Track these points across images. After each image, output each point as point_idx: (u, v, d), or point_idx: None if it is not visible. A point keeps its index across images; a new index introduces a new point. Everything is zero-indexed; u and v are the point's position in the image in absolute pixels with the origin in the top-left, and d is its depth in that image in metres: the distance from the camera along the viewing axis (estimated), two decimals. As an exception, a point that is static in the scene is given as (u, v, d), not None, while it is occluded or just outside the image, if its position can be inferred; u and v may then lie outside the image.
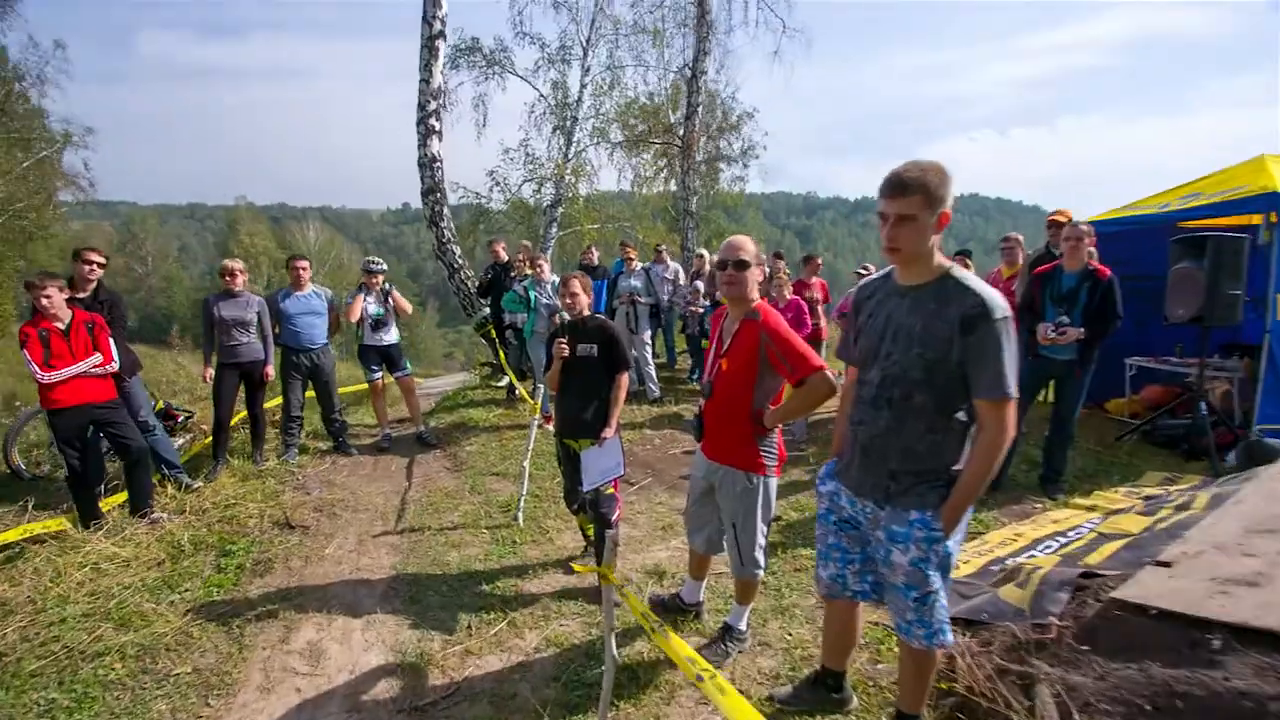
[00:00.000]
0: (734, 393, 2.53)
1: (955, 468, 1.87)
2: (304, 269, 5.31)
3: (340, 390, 6.45)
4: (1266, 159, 5.63)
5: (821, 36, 14.65)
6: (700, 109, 13.61)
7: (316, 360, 5.35)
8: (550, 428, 6.14)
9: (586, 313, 3.43)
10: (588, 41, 16.53)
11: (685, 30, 15.43)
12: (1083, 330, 4.00)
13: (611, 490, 3.36)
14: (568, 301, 3.36)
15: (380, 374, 5.77)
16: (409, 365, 5.95)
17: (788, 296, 6.35)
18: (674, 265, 8.36)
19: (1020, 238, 5.94)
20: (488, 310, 7.70)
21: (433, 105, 8.09)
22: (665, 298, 7.71)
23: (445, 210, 8.25)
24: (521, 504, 4.35)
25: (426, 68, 8.05)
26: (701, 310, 7.73)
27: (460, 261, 8.30)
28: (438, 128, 8.17)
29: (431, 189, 8.13)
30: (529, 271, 6.41)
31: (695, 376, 8.07)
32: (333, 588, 3.54)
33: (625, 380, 3.43)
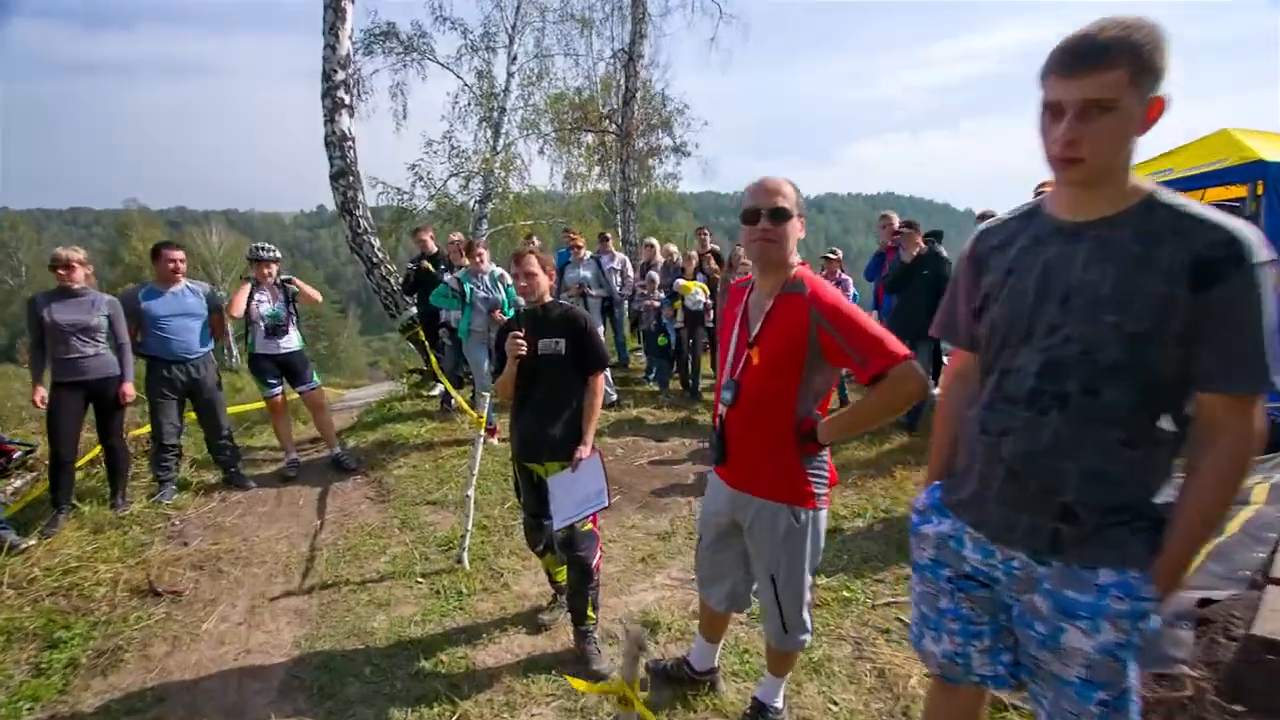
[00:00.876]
0: (770, 395, 1.84)
1: (1160, 500, 1.23)
2: (176, 260, 4.20)
3: (232, 409, 5.33)
4: (1231, 132, 5.51)
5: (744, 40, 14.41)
6: (638, 94, 12.93)
7: (195, 373, 4.26)
8: (496, 441, 5.41)
9: (549, 298, 2.64)
10: (513, 28, 15.68)
11: (616, 18, 14.90)
12: None
13: (589, 526, 2.60)
14: (523, 285, 2.56)
15: (280, 388, 4.71)
16: (316, 376, 4.92)
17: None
18: (620, 255, 7.65)
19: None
20: (415, 309, 6.70)
21: (340, 75, 6.99)
22: (617, 290, 6.97)
23: (360, 197, 7.16)
24: (466, 541, 3.49)
25: (332, 31, 6.94)
26: (657, 304, 7.05)
27: (380, 255, 7.22)
28: (347, 101, 7.07)
29: (343, 171, 7.02)
30: (465, 262, 5.50)
31: (650, 377, 7.37)
32: (208, 684, 2.58)
33: (602, 383, 2.68)
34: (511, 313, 5.29)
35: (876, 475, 4.40)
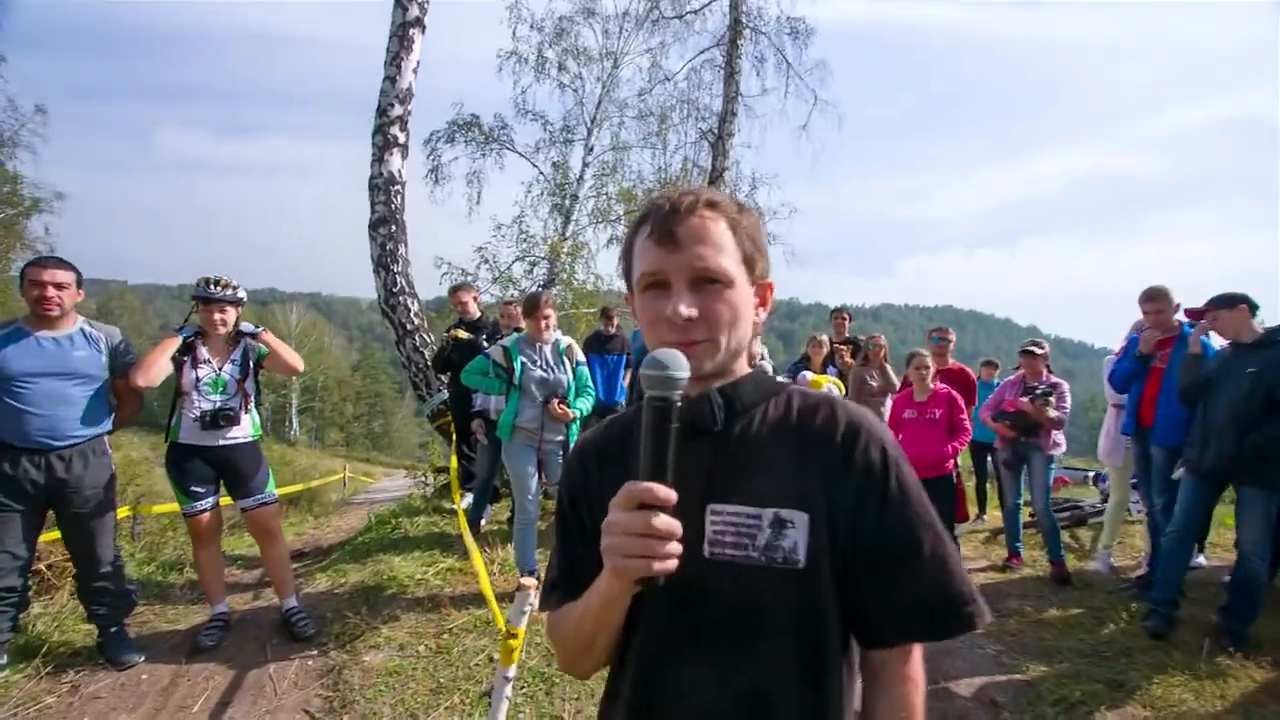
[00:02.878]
0: None
1: None
2: (49, 284, 2.52)
3: (157, 510, 3.66)
4: None
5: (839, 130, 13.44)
6: (726, 173, 11.78)
7: (63, 470, 2.60)
8: (532, 602, 3.12)
9: (745, 367, 0.82)
10: (592, 121, 15.59)
11: (697, 111, 14.47)
12: None
13: None
14: (687, 313, 0.72)
15: (210, 502, 2.98)
16: (273, 485, 3.17)
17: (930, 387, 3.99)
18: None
19: None
20: (446, 393, 5.04)
21: (397, 110, 5.89)
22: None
23: (402, 251, 5.82)
24: None
25: (394, 62, 5.93)
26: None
27: (416, 320, 5.74)
28: (401, 140, 5.92)
29: (385, 219, 5.74)
30: (520, 326, 3.84)
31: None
32: None
33: (922, 677, 0.76)
34: (585, 406, 3.47)
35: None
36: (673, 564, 0.63)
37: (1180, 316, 3.84)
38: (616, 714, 0.79)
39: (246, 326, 3.09)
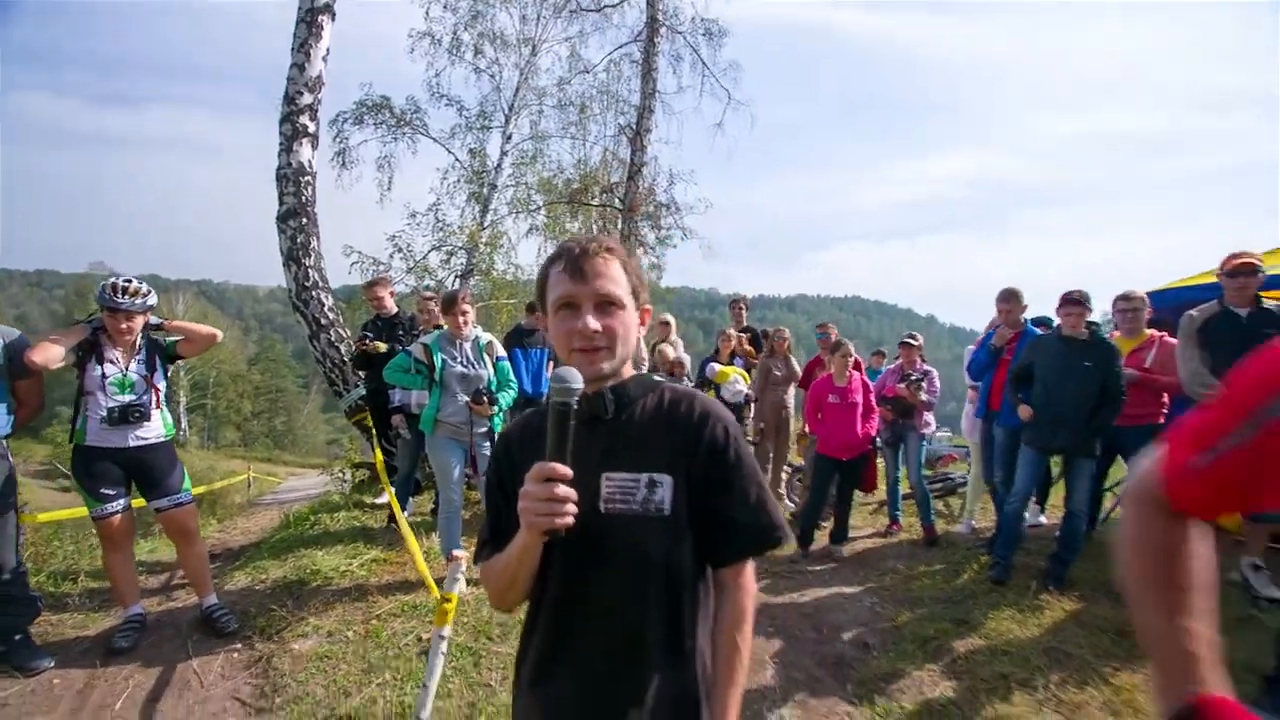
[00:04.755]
0: None
1: None
2: None
3: (43, 518, 3.54)
4: None
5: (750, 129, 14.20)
6: (645, 169, 12.10)
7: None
8: (461, 583, 3.39)
9: (630, 370, 1.10)
10: (510, 109, 15.46)
11: (617, 103, 14.70)
12: None
13: None
14: (594, 327, 1.00)
15: (120, 505, 2.95)
16: (189, 484, 3.17)
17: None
18: (633, 333, 6.22)
19: (1145, 296, 4.32)
20: (364, 389, 5.05)
21: (306, 99, 5.73)
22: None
23: (314, 244, 5.69)
24: None
25: (303, 49, 5.75)
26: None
27: (330, 315, 5.65)
28: (311, 129, 5.77)
29: (294, 211, 5.59)
30: (440, 323, 3.97)
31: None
32: None
33: (753, 585, 1.07)
34: (506, 399, 3.68)
35: (1078, 677, 2.75)
36: (570, 520, 0.90)
37: (1027, 316, 4.55)
38: (535, 638, 1.05)
39: (152, 318, 3.05)
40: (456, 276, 14.37)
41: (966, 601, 3.57)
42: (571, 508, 0.90)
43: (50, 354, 2.69)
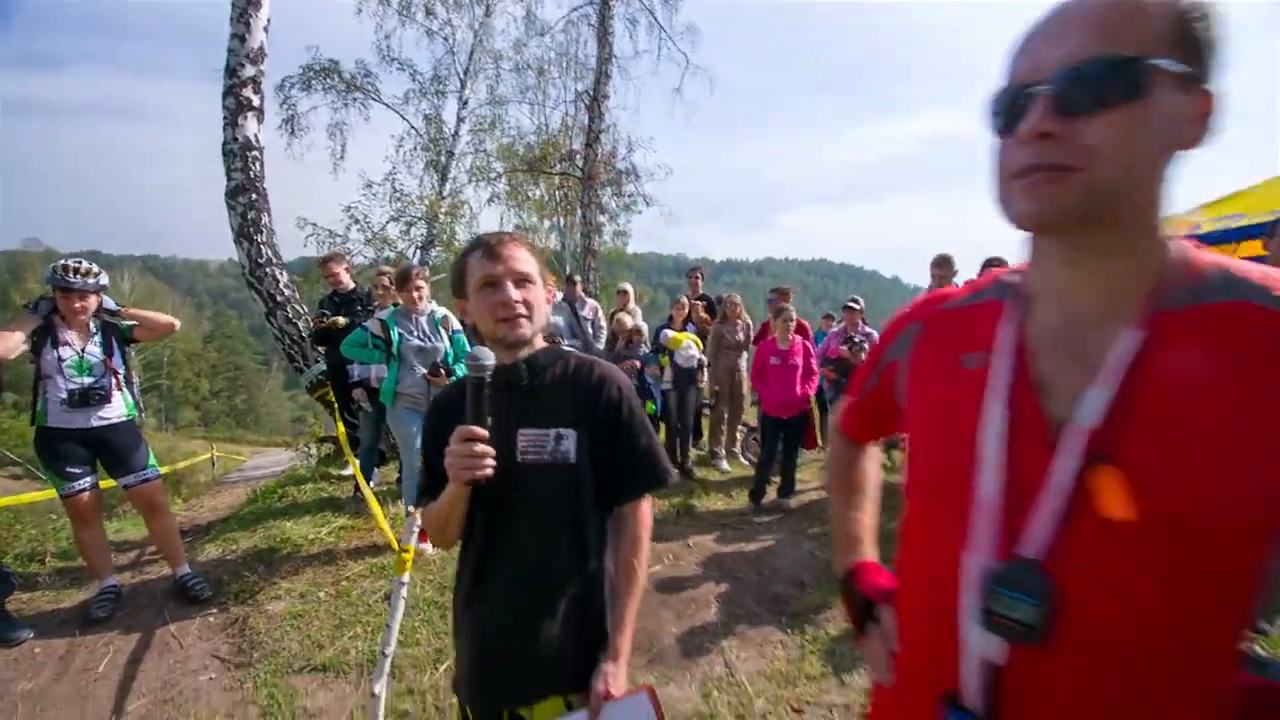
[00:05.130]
0: (1168, 622, 0.58)
1: None
2: None
3: (3, 502, 3.62)
4: (1298, 176, 4.92)
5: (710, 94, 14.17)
6: (603, 136, 12.06)
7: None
8: (430, 549, 3.62)
9: (540, 342, 1.30)
10: (465, 73, 15.03)
11: (575, 65, 14.44)
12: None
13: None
14: (515, 299, 1.19)
15: (87, 483, 3.05)
16: (154, 460, 3.28)
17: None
18: (592, 302, 6.41)
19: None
20: (324, 364, 5.13)
21: (249, 71, 5.60)
22: (593, 341, 5.65)
23: (265, 220, 5.65)
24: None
25: (242, 19, 5.59)
26: (639, 363, 5.77)
27: (286, 292, 5.66)
28: (255, 103, 5.66)
29: (242, 187, 5.53)
30: (396, 300, 4.08)
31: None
32: None
33: (649, 518, 1.30)
34: (461, 370, 3.85)
35: None
36: (488, 471, 1.10)
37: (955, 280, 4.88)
38: (467, 566, 1.26)
39: (108, 303, 3.10)
40: (417, 248, 14.15)
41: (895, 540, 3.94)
42: (489, 462, 1.11)
43: (9, 343, 2.74)
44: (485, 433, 1.10)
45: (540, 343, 1.28)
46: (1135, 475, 0.58)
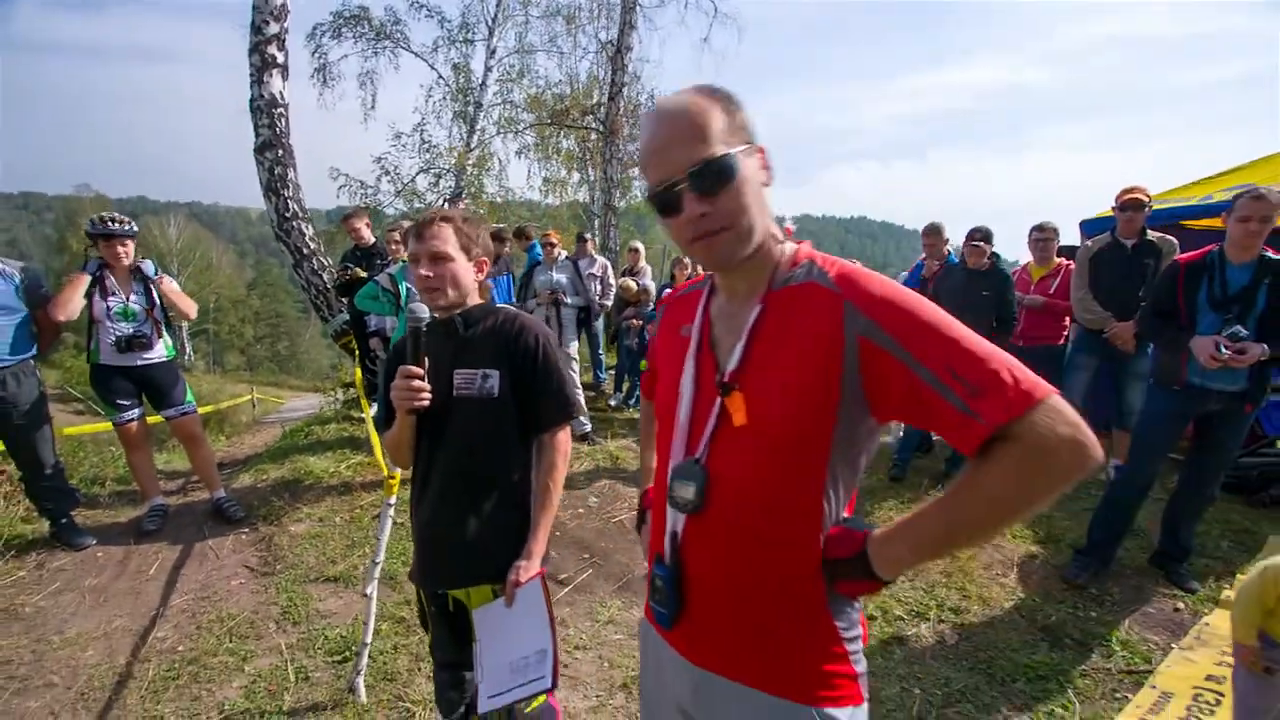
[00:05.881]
0: (772, 490, 0.90)
1: None
2: None
3: (69, 431, 4.09)
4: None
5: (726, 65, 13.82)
6: (625, 89, 11.95)
7: (0, 390, 3.04)
8: None
9: (475, 300, 1.56)
10: (494, 20, 14.86)
11: (604, 15, 14.13)
12: (1266, 347, 2.62)
13: (543, 699, 1.51)
14: (426, 275, 1.48)
15: (135, 413, 3.48)
16: (191, 396, 3.69)
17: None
18: (601, 260, 6.59)
19: (1057, 227, 4.67)
20: (347, 314, 5.50)
21: (273, 28, 5.82)
22: (597, 298, 5.88)
23: (291, 175, 5.96)
24: (364, 661, 2.35)
25: (264, -25, 5.79)
26: (640, 321, 6.01)
27: (312, 245, 6.02)
28: (280, 60, 5.90)
29: (270, 143, 5.82)
30: (403, 256, 4.36)
31: (633, 402, 6.28)
32: None
33: (566, 444, 1.58)
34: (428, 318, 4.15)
35: (929, 552, 3.37)
36: (425, 402, 1.39)
37: (948, 248, 4.93)
38: (415, 483, 1.57)
39: (148, 269, 3.45)
40: (445, 200, 14.39)
41: (869, 498, 4.17)
42: (426, 396, 1.39)
43: (70, 309, 3.18)
44: (421, 371, 1.38)
45: (475, 300, 1.55)
46: (747, 397, 0.89)
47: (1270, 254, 2.70)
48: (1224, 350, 2.62)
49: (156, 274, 3.48)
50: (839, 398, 0.83)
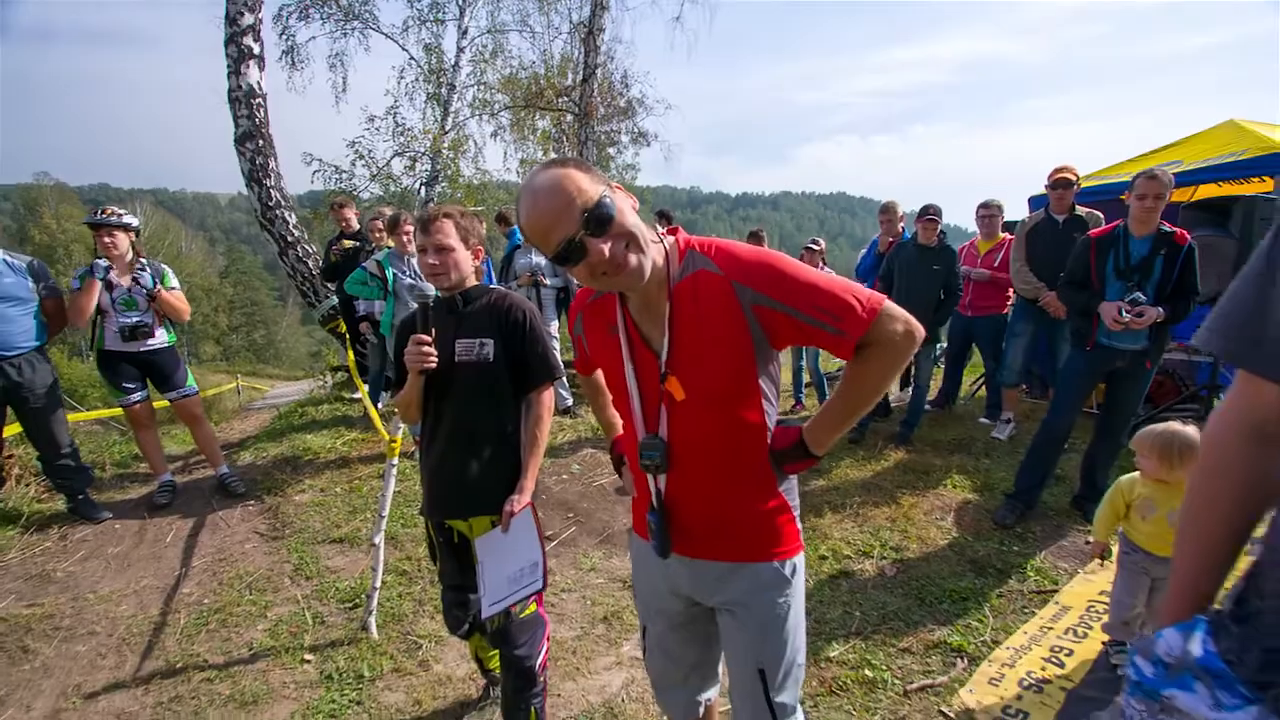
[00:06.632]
0: (723, 430, 1.21)
1: None
2: None
3: (79, 417, 4.30)
4: (1239, 123, 5.15)
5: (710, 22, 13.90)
6: (599, 71, 12.06)
7: (15, 374, 3.26)
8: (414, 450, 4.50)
9: (472, 282, 1.86)
10: (464, 0, 14.73)
11: (574, -3, 14.09)
12: (1162, 310, 3.01)
13: (532, 609, 1.83)
14: (433, 263, 1.78)
15: (140, 395, 3.71)
16: (192, 379, 3.92)
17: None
18: (580, 243, 6.84)
19: (1001, 204, 5.04)
20: (335, 299, 5.72)
21: (248, 19, 5.91)
22: (575, 281, 6.15)
23: (272, 164, 6.10)
24: (374, 601, 2.66)
25: (237, -34, 5.86)
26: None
27: (296, 233, 6.19)
28: (256, 51, 6.00)
29: (250, 134, 5.95)
30: (387, 242, 4.59)
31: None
32: None
33: (551, 400, 1.90)
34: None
35: (879, 501, 3.76)
36: (433, 364, 1.69)
37: (902, 225, 5.28)
38: (424, 435, 1.87)
39: (146, 281, 3.58)
40: (422, 184, 14.38)
41: (829, 460, 4.54)
42: (433, 359, 1.69)
43: (85, 316, 3.42)
44: (429, 338, 1.68)
45: (473, 281, 1.85)
46: (682, 378, 1.17)
47: (1166, 227, 3.08)
48: (1125, 314, 3.00)
49: (155, 286, 3.62)
50: (752, 351, 1.14)
